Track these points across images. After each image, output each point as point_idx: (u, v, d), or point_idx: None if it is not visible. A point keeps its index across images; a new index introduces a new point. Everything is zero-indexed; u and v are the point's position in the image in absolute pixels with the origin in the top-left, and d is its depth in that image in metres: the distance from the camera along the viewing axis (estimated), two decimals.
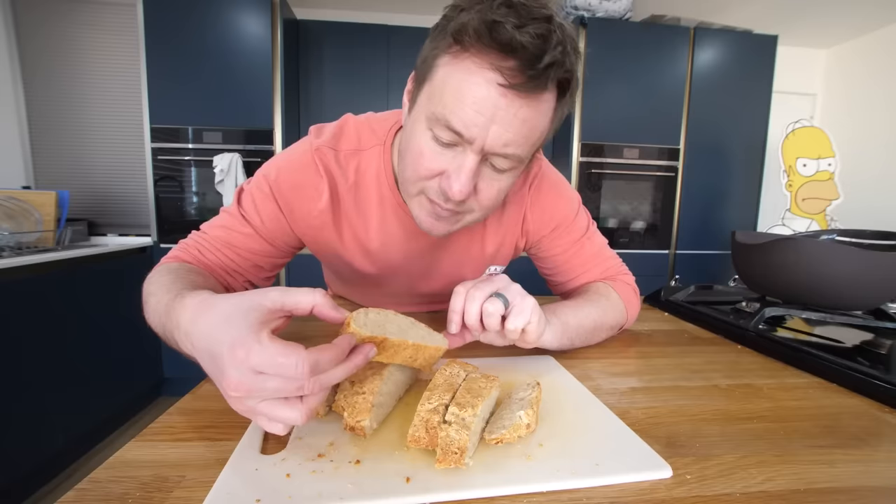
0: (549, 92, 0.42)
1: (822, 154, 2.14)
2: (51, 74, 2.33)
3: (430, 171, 0.46)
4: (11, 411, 1.42)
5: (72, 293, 1.71)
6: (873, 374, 0.48)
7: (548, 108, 0.43)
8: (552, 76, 0.40)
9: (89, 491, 0.30)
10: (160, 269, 0.51)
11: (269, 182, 0.57)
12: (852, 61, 2.95)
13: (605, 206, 2.40)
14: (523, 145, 0.44)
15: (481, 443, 0.35)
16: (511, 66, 0.39)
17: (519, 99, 0.40)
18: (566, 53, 0.40)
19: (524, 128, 0.42)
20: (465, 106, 0.40)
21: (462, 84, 0.40)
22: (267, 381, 0.29)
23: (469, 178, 0.44)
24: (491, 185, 0.47)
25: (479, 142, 0.42)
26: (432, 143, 0.45)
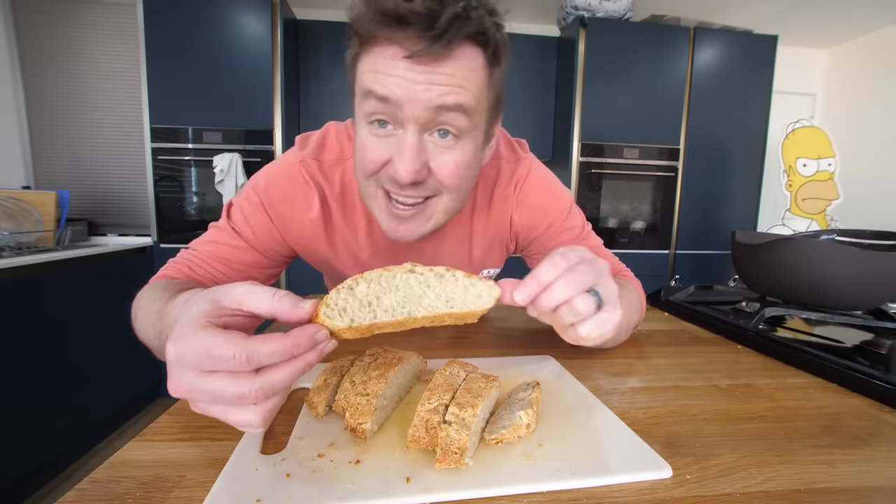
0: (462, 49, 0.40)
1: (822, 154, 2.14)
2: (51, 74, 2.33)
3: (375, 163, 0.45)
4: (11, 411, 1.42)
5: (72, 293, 1.71)
6: (873, 374, 0.48)
7: (472, 65, 0.42)
8: (457, 33, 0.38)
9: (89, 491, 0.30)
10: (148, 287, 0.49)
11: (259, 194, 0.56)
12: (852, 61, 2.95)
13: (605, 206, 2.40)
14: (459, 104, 0.41)
15: (481, 443, 0.35)
16: (408, 35, 0.38)
17: (430, 64, 0.39)
18: (471, 9, 0.39)
19: (452, 88, 0.41)
20: (383, 76, 0.40)
21: (375, 65, 0.41)
22: (205, 382, 0.26)
23: (412, 154, 0.42)
24: (445, 160, 0.44)
25: (410, 109, 0.41)
26: (373, 135, 0.44)
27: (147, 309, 0.42)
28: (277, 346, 0.27)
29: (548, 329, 0.71)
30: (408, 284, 0.32)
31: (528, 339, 0.67)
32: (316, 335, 0.29)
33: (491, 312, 0.85)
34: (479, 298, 0.34)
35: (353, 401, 0.36)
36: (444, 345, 0.64)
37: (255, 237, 0.57)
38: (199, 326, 0.27)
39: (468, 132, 0.44)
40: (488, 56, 0.43)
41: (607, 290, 0.36)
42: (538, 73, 2.53)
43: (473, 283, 0.34)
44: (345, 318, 0.30)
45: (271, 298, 0.28)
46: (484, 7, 0.41)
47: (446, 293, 0.33)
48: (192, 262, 0.55)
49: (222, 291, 0.29)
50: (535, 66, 2.52)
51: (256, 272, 0.59)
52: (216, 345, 0.26)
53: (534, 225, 0.64)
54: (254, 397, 0.26)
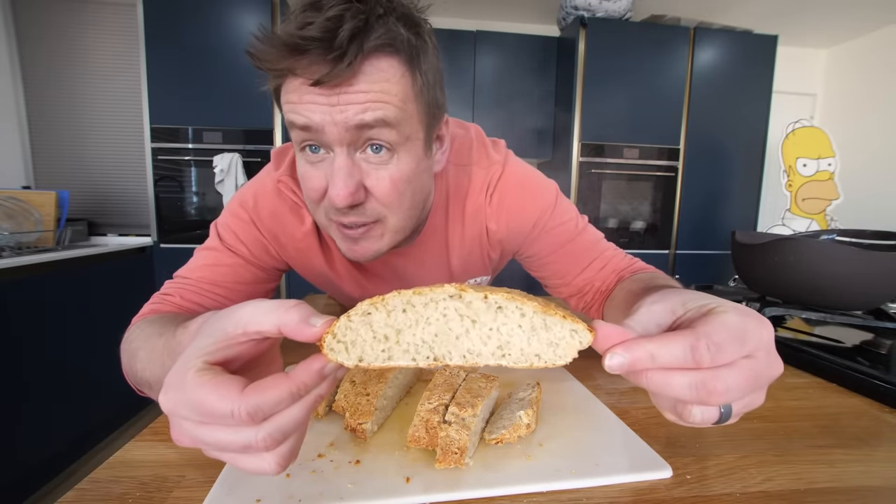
0: (372, 63, 0.38)
1: (822, 154, 2.14)
2: (51, 74, 2.33)
3: (316, 191, 0.43)
4: (11, 411, 1.42)
5: (72, 293, 1.71)
6: (873, 374, 0.48)
7: (388, 76, 0.39)
8: (359, 48, 0.36)
9: (89, 491, 0.30)
10: (139, 324, 0.45)
11: (248, 210, 0.54)
12: (852, 61, 2.95)
13: (605, 206, 2.40)
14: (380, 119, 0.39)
15: (481, 443, 0.35)
16: (310, 62, 0.36)
17: (338, 88, 0.37)
18: (375, 19, 0.37)
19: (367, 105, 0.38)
20: (297, 105, 0.39)
21: (289, 96, 0.40)
22: (206, 434, 0.23)
23: (344, 176, 0.40)
24: (380, 176, 0.42)
25: (331, 132, 0.39)
26: (308, 163, 0.43)
27: (149, 348, 0.38)
28: (281, 393, 0.23)
29: None
30: (445, 317, 0.24)
31: None
32: (323, 369, 0.25)
33: None
34: (551, 348, 0.24)
35: (353, 401, 0.36)
36: None
37: (251, 252, 0.55)
38: (191, 376, 0.23)
39: (401, 144, 0.42)
40: (405, 63, 0.40)
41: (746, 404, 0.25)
42: (538, 73, 2.53)
43: (549, 325, 0.23)
44: (352, 356, 0.24)
45: (278, 312, 0.24)
46: (392, 13, 0.38)
47: (500, 335, 0.24)
48: (187, 291, 0.52)
49: (227, 316, 0.25)
50: (535, 66, 2.52)
51: (256, 288, 0.57)
52: (209, 402, 0.22)
53: (516, 229, 0.59)
54: (263, 446, 0.23)
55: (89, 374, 1.75)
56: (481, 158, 0.59)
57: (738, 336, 0.23)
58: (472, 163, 0.58)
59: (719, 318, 0.24)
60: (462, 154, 0.58)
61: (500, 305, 0.24)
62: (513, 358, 0.24)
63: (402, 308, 0.24)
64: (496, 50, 2.50)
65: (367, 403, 0.36)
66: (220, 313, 0.26)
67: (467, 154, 0.59)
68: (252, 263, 0.56)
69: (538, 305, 0.23)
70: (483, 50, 2.48)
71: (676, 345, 0.23)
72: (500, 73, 2.52)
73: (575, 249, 0.60)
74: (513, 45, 2.50)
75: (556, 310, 0.24)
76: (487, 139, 0.62)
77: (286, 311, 0.24)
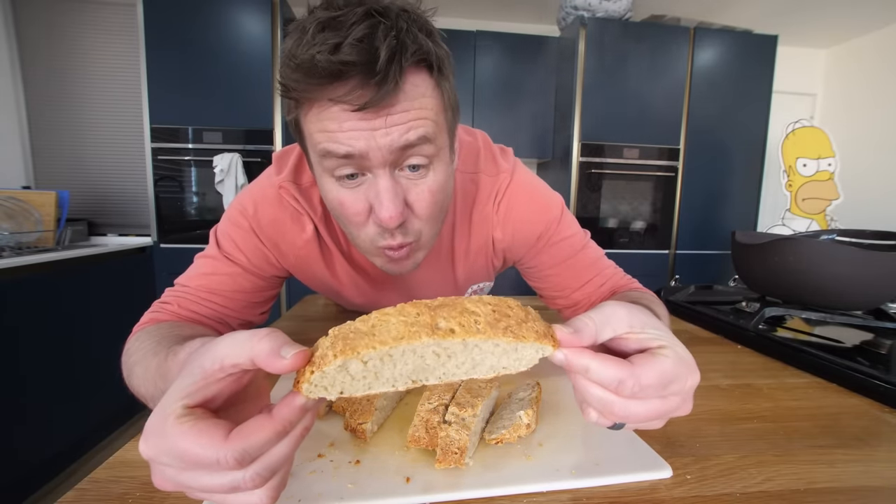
0: (408, 79, 0.38)
1: (822, 154, 2.14)
2: (51, 75, 2.33)
3: (359, 215, 0.42)
4: (11, 411, 1.42)
5: (72, 293, 1.71)
6: (873, 374, 0.48)
7: (423, 91, 0.39)
8: (400, 67, 0.36)
9: (89, 491, 0.30)
10: (138, 335, 0.45)
11: (248, 218, 0.53)
12: (852, 61, 2.95)
13: (605, 206, 2.40)
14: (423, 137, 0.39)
15: (481, 443, 0.35)
16: (351, 88, 0.35)
17: (382, 109, 0.37)
18: (404, 35, 0.36)
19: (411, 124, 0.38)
20: (336, 133, 0.37)
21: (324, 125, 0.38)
22: (191, 479, 0.23)
23: (392, 197, 0.40)
24: (421, 193, 0.42)
25: (375, 156, 0.38)
26: (344, 189, 0.41)
27: (144, 365, 0.38)
28: (267, 435, 0.23)
29: None
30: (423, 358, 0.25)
31: None
32: (306, 404, 0.24)
33: None
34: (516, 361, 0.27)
35: (353, 401, 0.36)
36: None
37: (250, 262, 0.54)
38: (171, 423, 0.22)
39: (436, 156, 0.42)
40: (435, 76, 0.40)
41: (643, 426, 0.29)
42: (538, 73, 2.53)
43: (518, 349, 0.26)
44: (332, 392, 0.24)
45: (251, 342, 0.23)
46: (414, 25, 0.38)
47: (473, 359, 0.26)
48: (185, 300, 0.51)
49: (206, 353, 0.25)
50: (535, 66, 2.52)
51: (255, 296, 0.56)
52: (193, 451, 0.22)
53: (521, 240, 0.59)
54: (252, 485, 0.23)
55: (89, 374, 1.75)
56: (488, 166, 0.59)
57: (664, 383, 0.27)
58: (479, 170, 0.58)
59: (657, 362, 0.27)
60: (469, 161, 0.58)
61: (477, 345, 0.25)
62: (482, 371, 0.26)
63: (380, 358, 0.24)
64: (496, 50, 2.50)
65: (368, 403, 0.36)
66: (201, 349, 0.26)
67: (474, 162, 0.58)
68: (251, 272, 0.55)
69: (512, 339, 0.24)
70: (483, 50, 2.48)
71: (610, 372, 0.26)
72: (500, 73, 2.52)
73: (576, 265, 0.60)
74: (513, 45, 2.50)
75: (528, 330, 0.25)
76: (495, 146, 0.61)
77: (258, 341, 0.23)
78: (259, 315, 0.59)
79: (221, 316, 0.53)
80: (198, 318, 0.51)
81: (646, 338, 0.29)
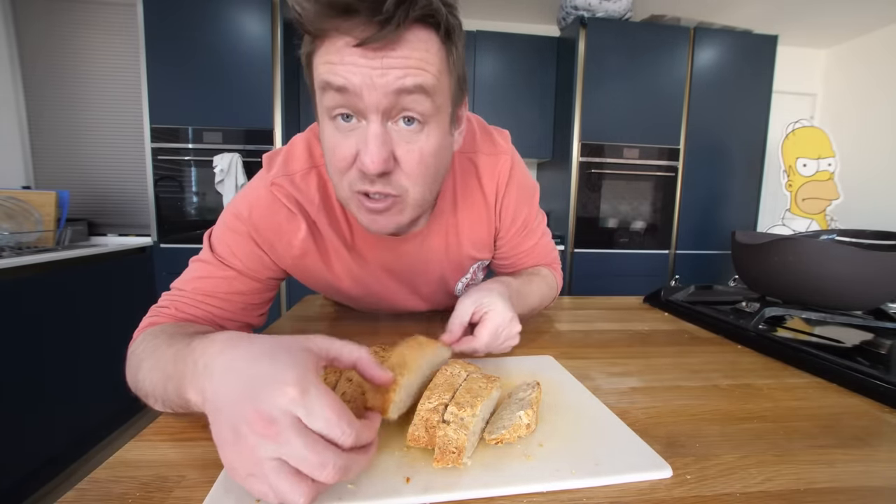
0: (413, 32, 0.39)
1: (822, 154, 2.14)
2: (51, 74, 2.33)
3: (345, 160, 0.43)
4: (11, 411, 1.42)
5: (72, 293, 1.71)
6: (873, 374, 0.48)
7: (427, 47, 0.41)
8: (406, 14, 0.37)
9: (89, 491, 0.30)
10: (143, 336, 0.45)
11: (244, 221, 0.53)
12: (852, 61, 2.95)
13: (605, 206, 2.40)
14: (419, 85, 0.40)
15: (481, 443, 0.35)
16: (357, 24, 0.37)
17: (382, 50, 0.38)
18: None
19: (408, 70, 0.40)
20: (336, 66, 0.39)
21: (328, 57, 0.40)
22: (297, 437, 0.25)
23: (378, 144, 0.41)
24: (410, 151, 0.43)
25: (369, 96, 0.39)
26: (338, 131, 0.43)
27: (157, 355, 0.39)
28: (370, 434, 0.28)
29: (548, 329, 0.71)
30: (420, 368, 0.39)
31: (528, 339, 0.67)
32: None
33: None
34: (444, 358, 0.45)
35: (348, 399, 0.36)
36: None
37: (245, 266, 0.54)
38: (321, 382, 0.27)
39: (433, 116, 0.43)
40: (442, 37, 0.42)
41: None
42: (538, 73, 2.53)
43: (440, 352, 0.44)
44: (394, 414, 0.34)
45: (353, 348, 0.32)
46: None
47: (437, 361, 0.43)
48: (181, 303, 0.51)
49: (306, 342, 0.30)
50: (535, 66, 2.52)
51: (253, 298, 0.56)
52: (333, 409, 0.26)
53: (509, 223, 0.65)
54: (330, 473, 0.25)
55: (89, 374, 1.75)
56: (485, 145, 0.61)
57: (496, 333, 0.51)
58: (477, 150, 0.60)
59: (485, 324, 0.51)
60: (466, 142, 0.59)
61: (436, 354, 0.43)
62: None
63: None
64: (496, 50, 2.50)
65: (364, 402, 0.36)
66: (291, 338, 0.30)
67: (471, 142, 0.60)
68: (246, 276, 0.55)
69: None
70: (483, 50, 2.48)
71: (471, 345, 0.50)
72: (500, 73, 2.52)
73: (535, 245, 0.71)
74: (513, 45, 2.50)
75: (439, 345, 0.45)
76: (490, 127, 0.63)
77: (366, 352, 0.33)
78: (258, 317, 0.59)
79: (219, 318, 0.53)
80: (196, 322, 0.51)
81: (480, 309, 0.52)
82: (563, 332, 0.70)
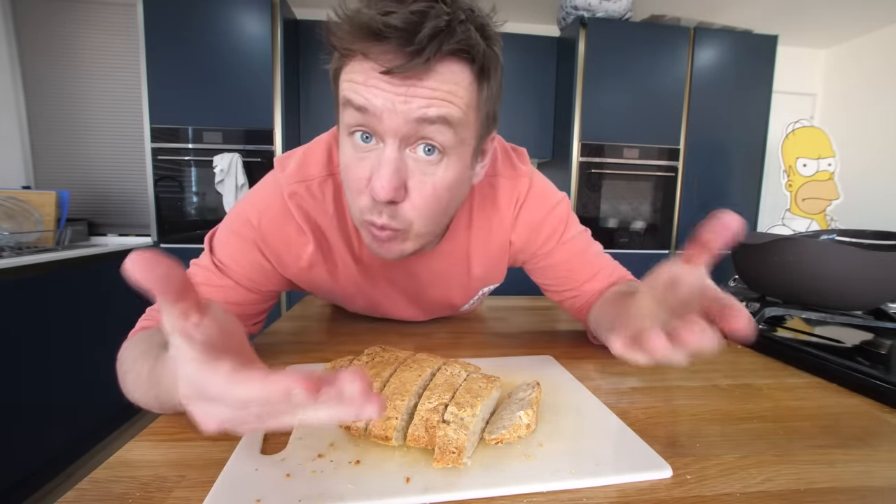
0: (445, 65, 0.38)
1: (822, 154, 2.14)
2: (51, 74, 2.33)
3: (359, 181, 0.42)
4: (11, 411, 1.42)
5: (72, 293, 1.71)
6: (873, 374, 0.48)
7: (457, 80, 0.39)
8: (438, 48, 0.36)
9: (89, 491, 0.30)
10: (129, 342, 0.45)
11: (252, 228, 0.52)
12: (852, 61, 2.95)
13: (605, 206, 2.40)
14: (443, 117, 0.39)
15: (481, 443, 0.35)
16: (386, 50, 0.36)
17: (408, 80, 0.37)
18: (457, 23, 0.37)
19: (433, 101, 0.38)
20: (360, 86, 0.38)
21: (353, 76, 0.39)
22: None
23: (390, 170, 0.39)
24: (424, 183, 0.42)
25: (390, 120, 0.38)
26: (355, 150, 0.42)
27: (135, 372, 0.38)
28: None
29: (548, 329, 0.71)
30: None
31: (528, 339, 0.67)
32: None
33: (489, 312, 0.85)
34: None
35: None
36: (444, 345, 0.64)
37: (245, 276, 0.52)
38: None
39: (454, 148, 0.41)
40: (475, 72, 0.40)
41: None
42: (538, 73, 2.53)
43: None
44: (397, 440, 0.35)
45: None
46: (472, 22, 0.38)
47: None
48: None
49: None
50: (535, 66, 2.52)
51: (248, 309, 0.54)
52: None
53: (533, 241, 0.61)
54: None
55: (89, 374, 1.75)
56: (506, 169, 0.59)
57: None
58: (497, 174, 0.58)
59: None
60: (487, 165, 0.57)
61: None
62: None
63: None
64: None
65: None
66: None
67: (492, 165, 0.58)
68: (244, 286, 0.53)
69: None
70: None
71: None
72: None
73: (583, 262, 0.62)
74: (513, 45, 2.50)
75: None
76: (509, 147, 0.61)
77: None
78: (252, 325, 0.57)
79: None
80: None
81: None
82: (563, 332, 0.71)
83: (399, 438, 0.34)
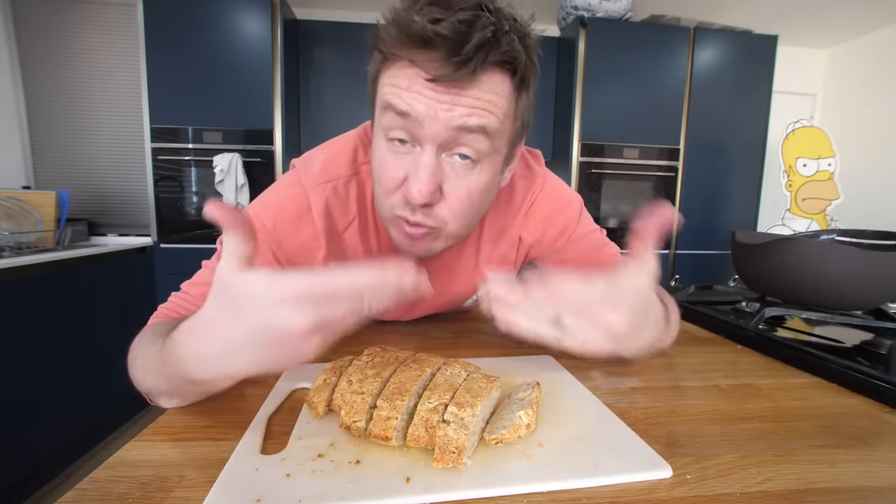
0: (488, 75, 0.39)
1: (822, 154, 2.14)
2: (51, 74, 2.33)
3: (393, 181, 0.43)
4: (11, 411, 1.42)
5: (72, 293, 1.71)
6: (873, 374, 0.48)
7: (498, 90, 0.40)
8: (484, 58, 0.37)
9: (89, 491, 0.30)
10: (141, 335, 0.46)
11: (267, 232, 0.52)
12: (852, 61, 2.95)
13: (605, 206, 2.40)
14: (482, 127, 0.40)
15: (481, 443, 0.35)
16: (433, 58, 0.37)
17: (453, 88, 0.38)
18: (502, 34, 0.38)
19: (475, 111, 0.39)
20: (403, 91, 0.39)
21: (396, 80, 0.40)
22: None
23: (428, 174, 0.40)
24: (459, 187, 0.43)
25: (430, 126, 0.39)
26: (391, 152, 0.42)
27: (145, 355, 0.39)
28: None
29: None
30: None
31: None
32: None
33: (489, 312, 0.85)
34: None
35: (349, 399, 0.36)
36: (443, 345, 0.64)
37: None
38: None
39: (488, 156, 0.42)
40: (516, 83, 0.41)
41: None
42: (538, 73, 2.53)
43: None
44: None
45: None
46: (515, 32, 0.39)
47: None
48: (182, 307, 0.51)
49: None
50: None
51: None
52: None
53: (544, 232, 0.61)
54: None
55: (89, 374, 1.75)
56: (523, 170, 0.60)
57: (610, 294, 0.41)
58: (514, 174, 0.59)
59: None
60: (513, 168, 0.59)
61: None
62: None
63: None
64: None
65: (362, 402, 0.36)
66: None
67: None
68: None
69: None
70: None
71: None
72: None
73: (597, 261, 0.63)
74: None
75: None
76: (525, 149, 0.62)
77: None
78: None
79: None
80: None
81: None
82: None
83: (399, 438, 0.34)
